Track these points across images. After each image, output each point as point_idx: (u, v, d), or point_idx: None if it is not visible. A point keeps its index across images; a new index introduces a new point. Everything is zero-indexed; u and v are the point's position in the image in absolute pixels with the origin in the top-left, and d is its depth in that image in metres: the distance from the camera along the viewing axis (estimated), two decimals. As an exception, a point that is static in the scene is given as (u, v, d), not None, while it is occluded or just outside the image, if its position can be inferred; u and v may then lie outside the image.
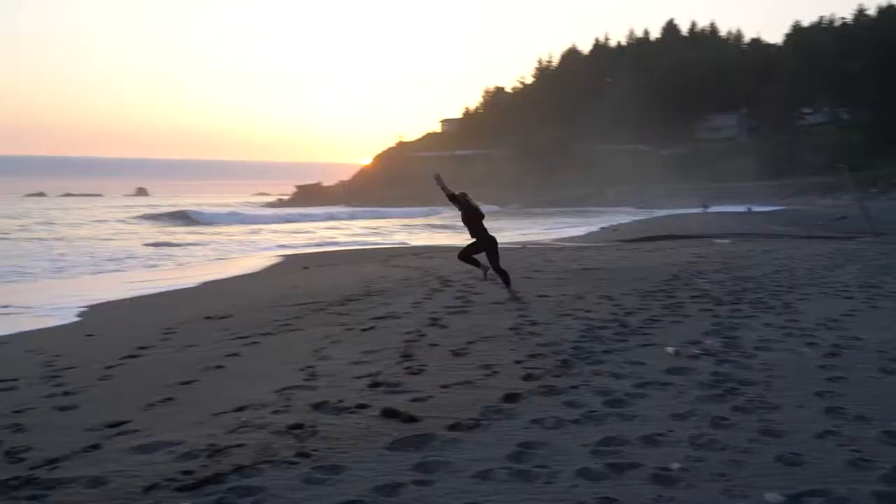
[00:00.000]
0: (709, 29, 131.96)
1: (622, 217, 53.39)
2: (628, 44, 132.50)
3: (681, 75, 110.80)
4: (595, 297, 10.24)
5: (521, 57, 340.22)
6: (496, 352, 6.78)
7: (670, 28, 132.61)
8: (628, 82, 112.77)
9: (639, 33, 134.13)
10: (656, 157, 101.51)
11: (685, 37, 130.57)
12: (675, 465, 3.93)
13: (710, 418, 4.72)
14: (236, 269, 20.91)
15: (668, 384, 5.58)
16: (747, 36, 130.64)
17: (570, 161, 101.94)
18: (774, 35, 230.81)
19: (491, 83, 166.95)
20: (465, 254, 11.01)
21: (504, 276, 10.83)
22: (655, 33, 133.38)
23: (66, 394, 6.15)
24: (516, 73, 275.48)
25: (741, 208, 58.60)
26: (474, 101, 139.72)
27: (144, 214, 62.28)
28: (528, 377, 5.79)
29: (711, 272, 13.18)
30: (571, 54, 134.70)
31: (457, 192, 10.94)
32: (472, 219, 10.89)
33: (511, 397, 5.23)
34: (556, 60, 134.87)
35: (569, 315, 8.75)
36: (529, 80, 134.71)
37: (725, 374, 5.85)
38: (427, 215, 63.06)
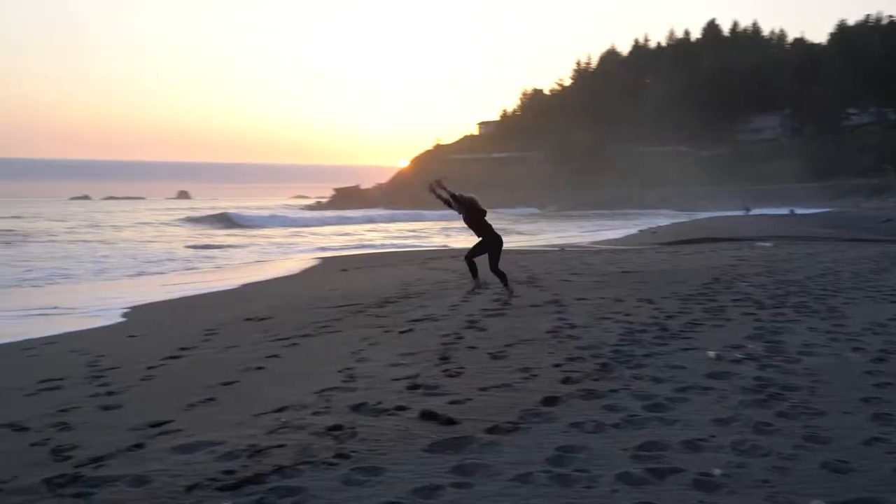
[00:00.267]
0: (751, 29, 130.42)
1: (661, 219, 52.90)
2: (668, 44, 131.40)
3: (722, 76, 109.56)
4: (634, 300, 10.14)
5: (560, 59, 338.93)
6: (534, 355, 6.75)
7: (711, 28, 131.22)
8: (668, 83, 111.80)
9: (679, 34, 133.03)
10: (696, 159, 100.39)
11: (727, 37, 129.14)
12: (717, 471, 3.87)
13: (752, 424, 4.64)
14: (275, 270, 21.11)
15: (709, 389, 5.50)
16: (791, 35, 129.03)
17: (608, 163, 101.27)
18: (819, 34, 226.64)
19: (528, 85, 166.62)
20: (471, 255, 10.85)
21: (502, 278, 10.66)
22: (696, 34, 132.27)
23: (109, 393, 6.25)
24: (554, 74, 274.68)
25: (783, 210, 57.73)
26: (512, 103, 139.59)
27: (186, 217, 63.18)
28: (566, 380, 5.75)
29: (753, 275, 12.99)
30: (610, 55, 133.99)
31: (466, 195, 10.78)
32: (475, 219, 10.72)
33: (550, 401, 5.20)
34: (594, 62, 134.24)
35: (608, 318, 8.68)
36: (568, 81, 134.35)
37: (769, 379, 5.76)
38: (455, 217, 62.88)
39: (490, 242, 10.67)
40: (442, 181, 10.88)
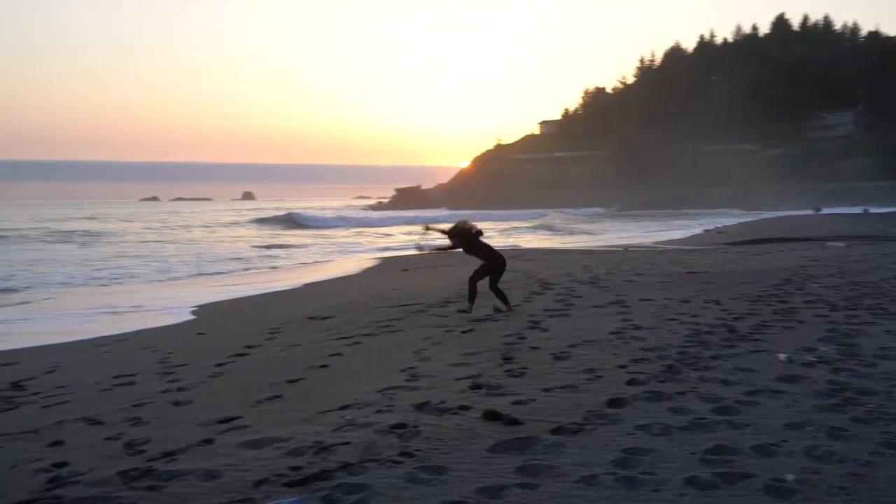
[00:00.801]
0: (822, 23, 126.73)
1: (727, 219, 51.77)
2: (735, 40, 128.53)
3: (791, 72, 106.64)
4: (701, 301, 9.95)
5: (623, 56, 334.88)
6: (598, 356, 6.67)
7: (780, 23, 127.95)
8: (734, 80, 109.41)
9: (747, 29, 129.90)
10: (763, 157, 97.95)
11: (796, 31, 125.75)
12: (790, 477, 3.76)
13: (827, 429, 4.50)
14: (337, 270, 21.35)
15: (780, 392, 5.35)
16: (864, 29, 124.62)
17: (672, 162, 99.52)
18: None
19: (591, 84, 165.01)
20: (474, 278, 10.10)
21: (502, 297, 10.04)
22: (764, 29, 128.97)
23: (179, 389, 6.41)
24: (617, 73, 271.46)
25: (856, 210, 55.95)
26: (573, 102, 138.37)
27: (253, 218, 64.35)
28: (632, 382, 5.67)
29: (825, 276, 12.60)
30: (675, 52, 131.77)
31: (457, 225, 10.18)
32: (474, 245, 10.10)
33: (615, 402, 5.13)
34: (658, 59, 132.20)
35: (674, 319, 8.53)
36: (631, 79, 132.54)
37: (843, 383, 5.57)
38: (531, 217, 62.37)
39: (492, 264, 10.04)
40: (428, 225, 10.55)
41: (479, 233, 10.19)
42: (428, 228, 10.59)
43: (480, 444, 4.36)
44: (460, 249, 10.10)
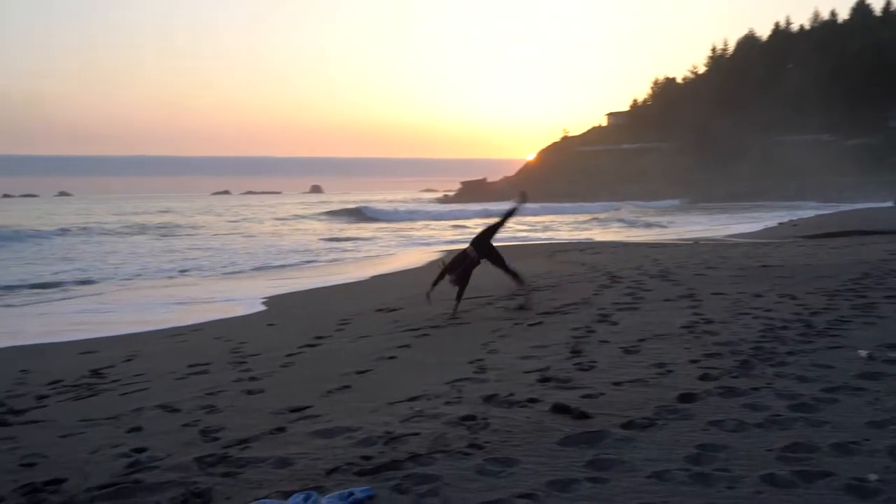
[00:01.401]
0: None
1: (802, 212, 50.23)
2: (812, 27, 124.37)
3: (872, 59, 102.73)
4: (775, 295, 9.68)
5: (694, 46, 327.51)
6: (669, 350, 6.55)
7: (861, 8, 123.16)
8: (811, 69, 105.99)
9: (825, 15, 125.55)
10: (841, 148, 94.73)
11: (878, 17, 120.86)
12: (873, 477, 3.63)
13: (911, 428, 4.33)
14: (404, 263, 21.49)
15: (861, 390, 5.17)
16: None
17: (745, 153, 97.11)
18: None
19: (660, 74, 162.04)
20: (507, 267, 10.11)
21: (515, 278, 10.12)
22: (844, 14, 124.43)
23: (252, 379, 6.54)
24: (687, 62, 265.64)
25: (941, 202, 53.60)
26: (642, 93, 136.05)
27: (323, 211, 65.22)
28: (704, 377, 5.55)
29: (908, 270, 12.12)
30: (748, 41, 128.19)
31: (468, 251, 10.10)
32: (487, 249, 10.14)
33: (687, 397, 5.03)
34: (731, 48, 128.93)
35: (747, 314, 8.31)
36: (702, 69, 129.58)
37: (929, 381, 5.35)
38: (603, 210, 61.53)
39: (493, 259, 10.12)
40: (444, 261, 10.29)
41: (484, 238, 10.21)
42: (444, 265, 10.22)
43: (549, 437, 4.33)
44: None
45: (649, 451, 4.05)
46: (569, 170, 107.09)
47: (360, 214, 58.78)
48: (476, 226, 46.21)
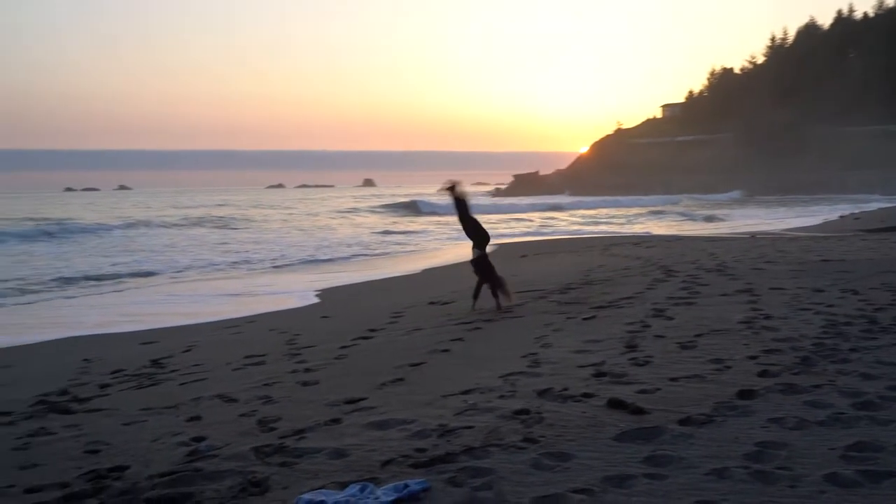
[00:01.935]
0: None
1: (865, 205, 48.81)
2: (876, 14, 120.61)
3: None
4: (837, 290, 9.43)
5: (752, 35, 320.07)
6: (727, 346, 6.43)
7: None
8: (875, 57, 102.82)
9: (890, 1, 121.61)
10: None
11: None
12: (943, 479, 3.51)
13: (983, 428, 4.17)
14: (456, 256, 21.49)
15: (929, 388, 5.00)
16: None
17: (805, 144, 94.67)
18: None
19: (717, 64, 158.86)
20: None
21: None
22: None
23: (307, 370, 6.62)
24: (745, 52, 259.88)
25: None
26: (698, 84, 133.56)
27: (377, 204, 65.60)
28: (763, 374, 5.43)
29: (977, 265, 11.70)
30: (809, 29, 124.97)
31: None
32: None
33: (746, 394, 4.92)
34: (791, 36, 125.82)
35: (807, 309, 8.12)
36: (760, 59, 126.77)
37: None
38: (661, 203, 60.51)
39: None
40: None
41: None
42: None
43: (605, 432, 4.29)
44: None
45: (707, 448, 3.98)
46: (622, 163, 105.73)
47: (414, 208, 58.91)
48: (530, 218, 46.03)
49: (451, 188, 9.94)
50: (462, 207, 9.94)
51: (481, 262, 9.81)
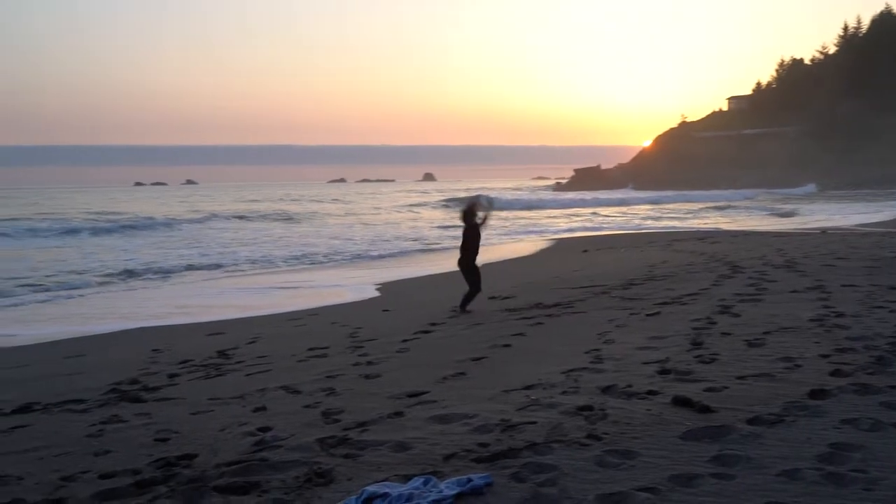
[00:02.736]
0: None
1: (943, 199, 46.99)
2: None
3: None
4: (914, 288, 9.09)
5: (823, 25, 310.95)
6: (797, 344, 6.25)
7: None
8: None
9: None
10: None
11: None
12: None
13: None
14: (515, 251, 21.44)
15: None
16: None
17: (878, 137, 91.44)
18: None
19: (786, 55, 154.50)
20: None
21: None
22: None
23: (369, 363, 6.67)
24: (817, 42, 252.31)
25: None
26: (766, 75, 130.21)
27: (441, 199, 65.80)
28: (836, 373, 5.26)
29: None
30: (884, 18, 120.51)
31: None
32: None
33: (817, 393, 4.78)
34: (865, 25, 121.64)
35: (882, 307, 7.84)
36: (832, 49, 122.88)
37: None
38: (722, 199, 59.13)
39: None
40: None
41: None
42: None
43: (670, 430, 4.21)
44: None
45: (778, 449, 3.87)
46: (687, 157, 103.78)
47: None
48: (591, 213, 45.58)
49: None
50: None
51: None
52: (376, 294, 13.28)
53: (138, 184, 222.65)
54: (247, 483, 3.76)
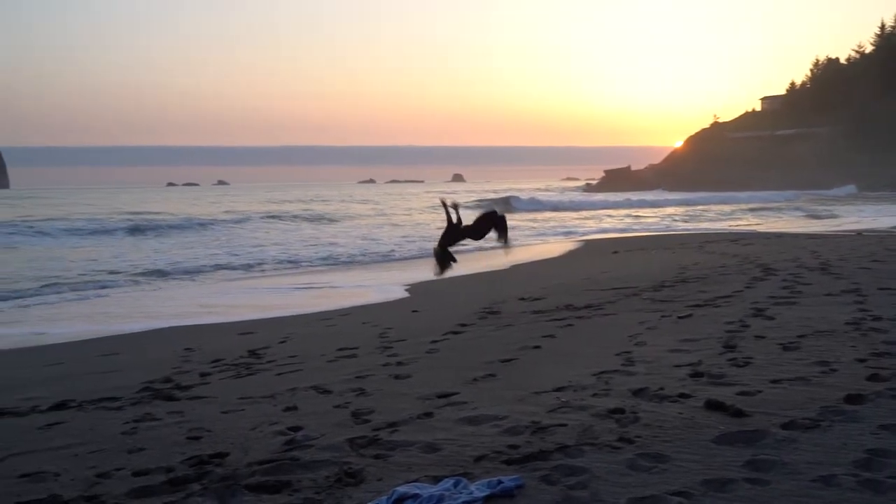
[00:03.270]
0: None
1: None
2: None
3: None
4: (954, 291, 8.92)
5: (859, 23, 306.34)
6: (833, 348, 6.15)
7: None
8: None
9: None
10: None
11: None
12: None
13: None
14: (545, 252, 21.35)
15: None
16: None
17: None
18: None
19: (821, 54, 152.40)
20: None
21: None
22: None
23: (399, 364, 6.68)
24: (852, 41, 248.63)
25: None
26: (800, 75, 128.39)
27: (471, 200, 65.79)
28: (873, 377, 5.17)
29: None
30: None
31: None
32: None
33: (854, 398, 4.70)
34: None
35: (920, 311, 7.70)
36: (869, 48, 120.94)
37: None
38: (756, 200, 58.40)
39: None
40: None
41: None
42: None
43: (703, 434, 4.16)
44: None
45: (813, 454, 3.82)
46: (719, 157, 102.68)
47: (507, 204, 58.72)
48: (622, 214, 45.30)
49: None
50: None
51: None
52: (406, 294, 13.30)
53: (170, 184, 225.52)
54: (278, 482, 3.78)
